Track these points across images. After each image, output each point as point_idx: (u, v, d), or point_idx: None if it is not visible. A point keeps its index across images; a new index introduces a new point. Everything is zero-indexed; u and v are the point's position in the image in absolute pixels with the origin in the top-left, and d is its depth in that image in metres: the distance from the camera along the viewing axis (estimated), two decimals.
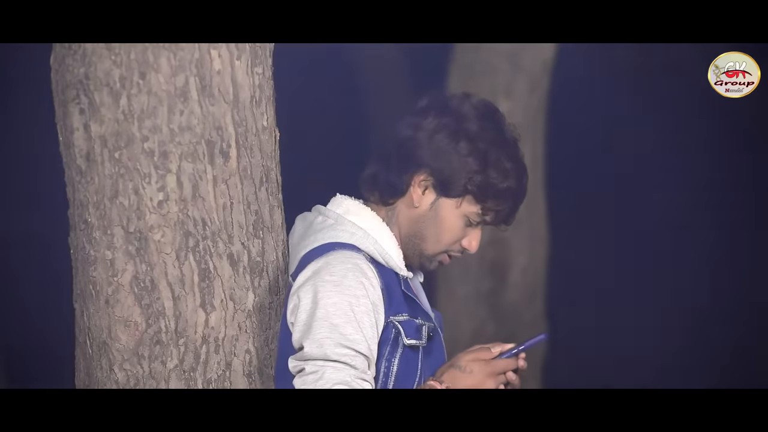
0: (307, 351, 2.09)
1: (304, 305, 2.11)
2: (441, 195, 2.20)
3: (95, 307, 2.20)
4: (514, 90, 4.87)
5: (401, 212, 2.23)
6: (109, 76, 2.13)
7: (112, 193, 2.16)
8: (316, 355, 2.08)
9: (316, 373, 2.07)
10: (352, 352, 2.08)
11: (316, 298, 2.11)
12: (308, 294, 2.11)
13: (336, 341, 2.08)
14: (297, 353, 2.11)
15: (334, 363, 2.08)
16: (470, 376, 2.14)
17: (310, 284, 2.12)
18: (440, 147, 2.18)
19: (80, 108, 2.16)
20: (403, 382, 2.16)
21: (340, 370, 2.07)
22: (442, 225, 2.21)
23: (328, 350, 2.07)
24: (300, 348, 2.11)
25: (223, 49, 2.17)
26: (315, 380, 2.07)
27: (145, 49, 2.13)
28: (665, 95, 6.38)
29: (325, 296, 2.10)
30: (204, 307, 2.20)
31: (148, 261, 2.17)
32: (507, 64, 4.84)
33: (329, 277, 2.11)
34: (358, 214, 2.22)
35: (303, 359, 2.09)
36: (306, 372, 2.08)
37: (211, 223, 2.19)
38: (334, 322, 2.09)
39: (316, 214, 2.25)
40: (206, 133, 2.18)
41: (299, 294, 2.13)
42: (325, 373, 2.07)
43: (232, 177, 2.21)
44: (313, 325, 2.09)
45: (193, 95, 2.16)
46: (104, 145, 2.15)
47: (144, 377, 2.20)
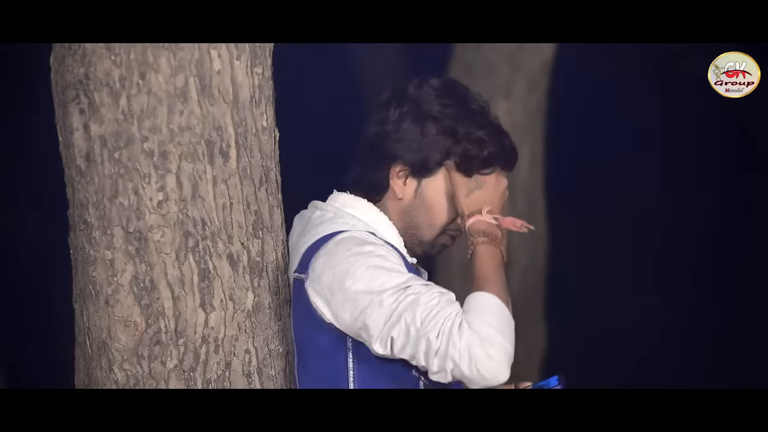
0: (385, 329, 2.05)
1: (340, 300, 2.09)
2: (422, 179, 2.22)
3: (95, 307, 2.20)
4: (514, 90, 4.87)
5: (391, 208, 2.24)
6: (108, 76, 2.13)
7: (111, 193, 2.16)
8: (397, 322, 2.04)
9: (426, 325, 2.03)
10: (417, 285, 2.07)
11: (347, 280, 2.08)
12: (337, 283, 2.09)
13: (395, 296, 2.05)
14: (390, 346, 2.06)
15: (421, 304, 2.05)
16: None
17: (329, 274, 2.10)
18: (407, 134, 2.21)
19: (80, 108, 2.16)
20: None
21: (431, 299, 2.05)
22: (431, 209, 2.23)
23: (400, 307, 2.04)
24: (385, 338, 2.06)
25: (222, 49, 2.17)
26: (438, 322, 2.02)
27: (144, 49, 2.13)
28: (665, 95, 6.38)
29: (355, 273, 2.08)
30: (203, 307, 2.20)
31: (147, 261, 2.17)
32: (506, 64, 4.83)
33: (345, 253, 2.11)
34: (356, 206, 2.23)
35: (401, 339, 2.05)
36: (423, 334, 2.03)
37: (210, 223, 2.19)
38: (378, 288, 2.06)
39: (314, 210, 2.26)
40: (206, 133, 2.18)
41: (328, 293, 2.10)
42: (432, 314, 2.03)
43: (232, 177, 2.21)
44: (367, 306, 2.06)
45: (193, 95, 2.16)
46: (104, 145, 2.15)
47: (144, 377, 2.20)
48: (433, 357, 2.01)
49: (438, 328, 2.01)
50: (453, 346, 2.00)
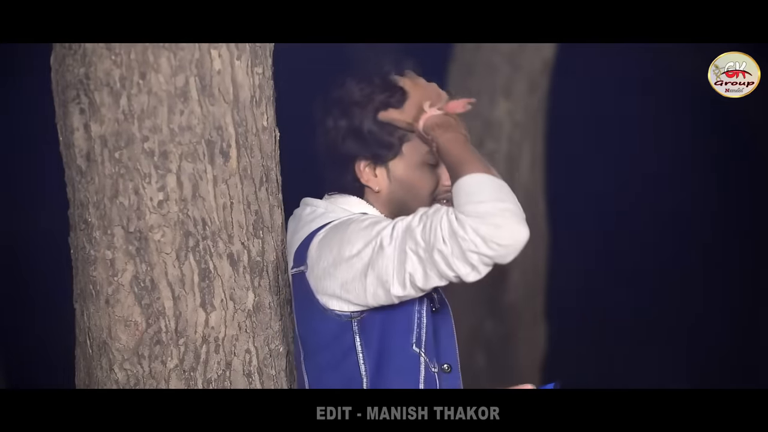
0: (397, 269, 2.05)
1: (344, 270, 2.09)
2: (387, 162, 2.23)
3: (95, 306, 2.20)
4: (514, 90, 4.87)
5: (375, 202, 2.25)
6: (109, 76, 2.13)
7: (112, 193, 2.16)
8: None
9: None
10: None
11: (345, 250, 2.10)
12: (337, 258, 2.10)
13: (390, 236, 2.06)
14: (411, 282, 2.06)
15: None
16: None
17: (328, 256, 2.11)
18: (349, 131, 2.22)
19: (80, 108, 2.16)
20: (429, 334, 2.17)
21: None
22: (410, 185, 2.24)
23: (399, 242, 2.05)
24: (402, 277, 2.06)
25: (223, 49, 2.17)
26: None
27: (145, 49, 2.13)
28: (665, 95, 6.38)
29: (351, 239, 2.09)
30: (204, 306, 2.20)
31: (148, 261, 2.17)
32: (507, 63, 4.84)
33: (339, 234, 2.12)
34: (347, 201, 2.24)
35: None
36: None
37: (211, 222, 2.19)
38: (374, 236, 2.08)
39: (304, 207, 2.27)
40: (206, 133, 2.18)
41: (332, 270, 2.11)
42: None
43: (232, 177, 2.21)
44: (371, 258, 2.07)
45: (194, 95, 2.16)
46: (104, 145, 2.15)
47: (144, 377, 2.20)
48: (456, 261, 2.01)
49: (440, 236, 2.01)
50: (463, 240, 1.99)
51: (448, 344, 2.23)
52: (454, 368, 2.21)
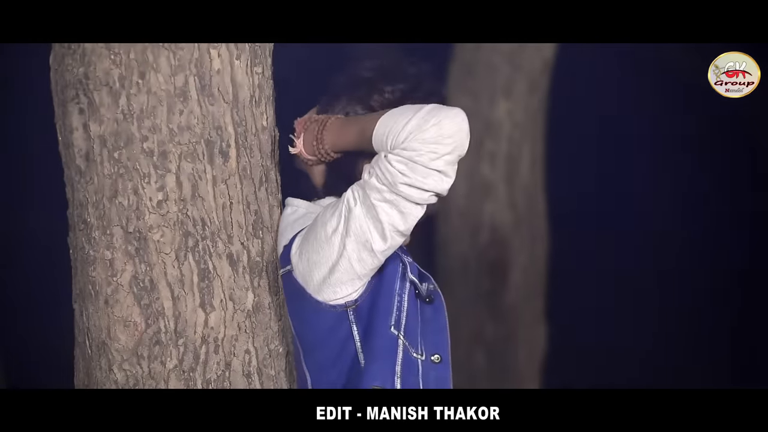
0: (370, 224, 2.08)
1: (326, 248, 2.12)
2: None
3: (94, 307, 2.20)
4: (514, 90, 4.87)
5: None
6: (108, 75, 2.13)
7: (111, 193, 2.16)
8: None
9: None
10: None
11: (319, 230, 2.13)
12: (316, 241, 2.13)
13: (353, 194, 2.10)
14: (391, 232, 2.09)
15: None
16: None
17: (306, 245, 2.14)
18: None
19: (79, 108, 2.16)
20: (412, 321, 2.19)
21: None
22: None
23: (362, 196, 2.09)
24: (381, 229, 2.09)
25: (222, 48, 2.17)
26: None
27: (144, 48, 2.13)
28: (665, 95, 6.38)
29: (323, 219, 2.13)
30: (203, 307, 2.20)
31: (147, 261, 2.17)
32: (507, 63, 4.84)
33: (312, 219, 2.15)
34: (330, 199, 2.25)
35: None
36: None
37: (210, 223, 2.19)
38: (341, 202, 2.11)
39: (287, 206, 2.28)
40: (206, 132, 2.17)
41: (315, 256, 2.13)
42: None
43: (232, 177, 2.21)
44: (345, 223, 2.10)
45: (193, 95, 2.16)
46: (103, 145, 2.15)
47: (143, 377, 2.20)
48: (425, 180, 2.04)
49: (395, 170, 2.04)
50: (419, 155, 2.02)
51: (439, 336, 2.24)
52: (444, 359, 2.22)
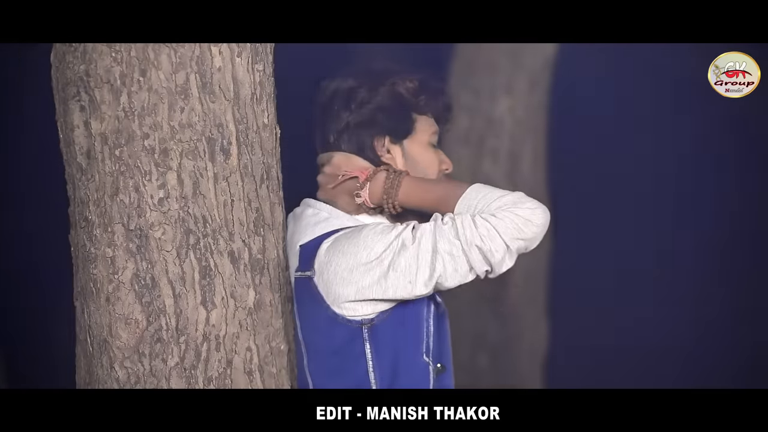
0: (421, 266, 2.10)
1: (361, 274, 2.12)
2: (403, 140, 2.27)
3: (96, 304, 2.20)
4: (515, 87, 4.87)
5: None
6: (109, 73, 2.13)
7: (112, 191, 2.16)
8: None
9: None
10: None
11: (361, 254, 2.12)
12: (353, 262, 2.12)
13: (412, 235, 2.11)
14: (436, 279, 2.11)
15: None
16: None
17: (340, 260, 2.13)
18: (377, 105, 2.26)
19: (81, 105, 2.16)
20: (437, 343, 2.21)
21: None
22: (422, 164, 2.28)
23: (424, 241, 2.10)
24: (426, 276, 2.10)
25: (223, 46, 2.17)
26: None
27: (145, 46, 2.13)
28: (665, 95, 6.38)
29: (367, 242, 2.13)
30: (205, 304, 2.20)
31: (148, 258, 2.17)
32: (508, 61, 4.83)
33: (351, 239, 2.14)
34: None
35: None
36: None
37: (211, 220, 2.19)
38: (394, 236, 2.12)
39: (305, 207, 2.27)
40: (207, 130, 2.17)
41: (346, 274, 2.13)
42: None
43: (233, 174, 2.21)
44: (392, 257, 2.11)
45: (194, 92, 2.16)
46: (105, 143, 2.15)
47: (145, 375, 2.20)
48: (494, 254, 2.08)
49: (477, 233, 2.07)
50: (505, 229, 2.08)
51: (444, 345, 2.25)
52: (447, 368, 2.23)
